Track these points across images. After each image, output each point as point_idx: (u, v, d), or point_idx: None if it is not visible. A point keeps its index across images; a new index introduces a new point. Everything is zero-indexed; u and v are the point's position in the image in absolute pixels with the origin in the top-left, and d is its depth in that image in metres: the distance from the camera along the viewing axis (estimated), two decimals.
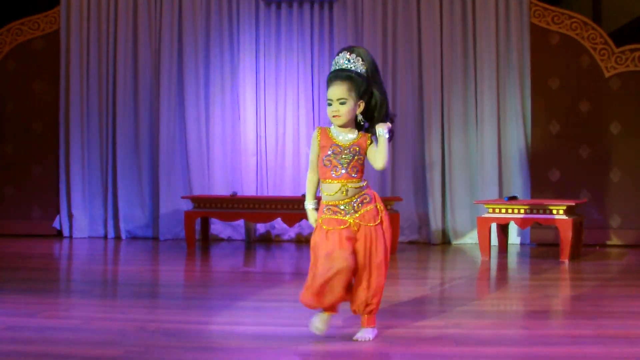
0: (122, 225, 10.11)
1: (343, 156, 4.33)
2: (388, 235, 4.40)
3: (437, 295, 6.10)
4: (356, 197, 4.35)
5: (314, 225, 4.41)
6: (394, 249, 8.73)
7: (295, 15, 10.03)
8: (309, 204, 4.45)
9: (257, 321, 4.34)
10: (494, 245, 8.77)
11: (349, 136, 4.36)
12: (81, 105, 10.19)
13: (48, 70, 10.32)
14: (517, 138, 9.72)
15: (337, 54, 4.44)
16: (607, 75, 9.57)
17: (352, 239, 4.27)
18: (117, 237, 10.12)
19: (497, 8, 9.74)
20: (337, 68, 4.37)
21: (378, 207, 4.40)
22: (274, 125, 10.04)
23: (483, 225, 8.23)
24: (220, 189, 9.98)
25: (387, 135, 4.27)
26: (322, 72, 9.82)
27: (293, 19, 10.04)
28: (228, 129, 10.10)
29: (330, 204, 4.34)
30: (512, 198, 8.51)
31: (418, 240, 9.83)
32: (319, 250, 4.26)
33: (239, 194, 9.63)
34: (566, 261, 7.81)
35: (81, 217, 10.18)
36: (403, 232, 9.64)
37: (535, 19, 9.70)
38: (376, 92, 4.38)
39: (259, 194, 9.91)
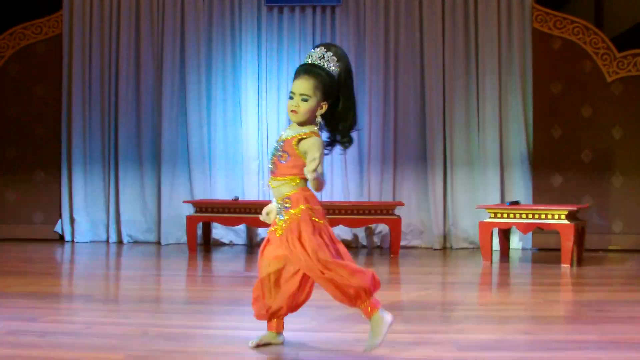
0: (124, 230, 10.12)
1: (273, 151, 4.13)
2: (308, 231, 4.01)
3: (439, 300, 6.09)
4: (280, 198, 4.08)
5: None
6: (396, 253, 8.73)
7: (297, 20, 10.04)
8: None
9: (259, 326, 4.33)
10: (496, 250, 8.78)
11: (291, 133, 4.07)
12: (83, 110, 10.21)
13: (50, 75, 10.33)
14: (519, 143, 9.72)
15: (313, 48, 4.14)
16: (609, 80, 9.57)
17: (277, 244, 4.11)
18: (119, 242, 10.13)
19: (499, 13, 9.75)
20: (309, 62, 4.07)
21: (293, 212, 4.04)
22: (276, 129, 10.04)
23: (485, 230, 8.23)
24: (222, 194, 9.98)
25: (310, 177, 3.87)
26: None
27: (295, 23, 10.05)
28: (230, 133, 10.10)
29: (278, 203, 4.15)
30: (514, 203, 8.52)
31: (420, 245, 9.84)
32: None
33: (241, 198, 9.62)
34: (568, 266, 7.80)
35: (83, 221, 10.19)
36: (405, 236, 9.64)
37: (537, 24, 9.70)
38: (343, 99, 4.06)
39: (260, 199, 9.90)
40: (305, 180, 4.04)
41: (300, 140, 4.02)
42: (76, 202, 10.20)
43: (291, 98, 4.04)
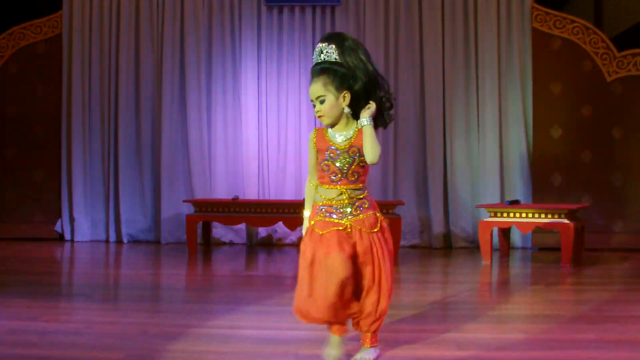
0: (123, 229, 10.12)
1: (341, 160, 3.89)
2: (390, 246, 3.95)
3: (439, 299, 6.09)
4: (355, 200, 3.91)
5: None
6: (396, 253, 8.73)
7: (297, 20, 10.04)
8: (307, 212, 4.02)
9: (259, 325, 4.33)
10: (496, 250, 8.77)
11: (346, 135, 3.91)
12: (83, 110, 10.22)
13: (50, 75, 10.34)
14: (518, 142, 9.72)
15: (315, 48, 3.98)
16: (608, 79, 9.57)
17: (351, 243, 3.85)
18: (119, 241, 10.14)
19: (498, 12, 9.76)
20: (314, 63, 3.94)
21: (378, 215, 3.97)
22: (276, 129, 10.05)
23: (485, 230, 8.23)
24: (221, 193, 9.98)
25: (366, 123, 3.82)
26: None
27: (295, 23, 10.05)
28: (230, 133, 10.10)
29: (325, 204, 3.91)
30: (514, 202, 8.51)
31: (419, 244, 9.84)
32: (315, 255, 3.82)
33: (241, 198, 9.62)
34: (568, 265, 7.80)
35: (83, 221, 10.20)
36: (405, 236, 9.64)
37: (537, 24, 9.71)
38: (362, 77, 3.85)
39: (260, 198, 9.91)
40: None
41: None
42: (76, 201, 10.21)
43: (314, 106, 3.94)
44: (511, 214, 8.18)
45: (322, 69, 3.87)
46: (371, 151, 3.80)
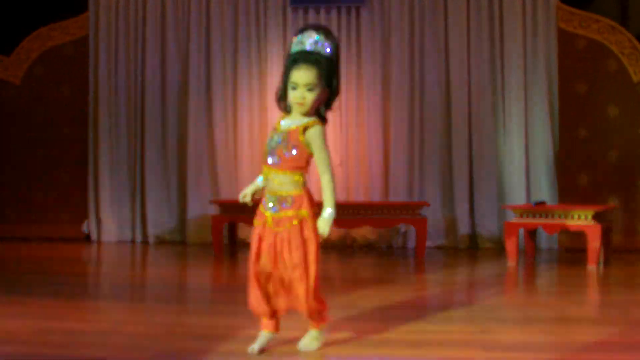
0: (149, 230, 10.15)
1: (273, 141, 4.06)
2: (312, 243, 4.03)
3: (465, 300, 6.09)
4: (280, 193, 4.08)
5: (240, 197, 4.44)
6: (422, 254, 8.70)
7: (322, 20, 10.02)
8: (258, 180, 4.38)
9: (284, 325, 4.34)
10: (522, 251, 8.74)
11: (293, 122, 4.05)
12: (109, 110, 10.26)
13: (77, 75, 10.39)
14: (544, 143, 9.67)
15: (301, 32, 4.05)
16: (635, 79, 9.51)
17: (263, 238, 4.11)
18: (145, 242, 10.17)
19: (524, 12, 9.71)
20: (304, 49, 3.99)
21: (301, 213, 4.04)
22: None
23: (511, 231, 8.19)
24: None
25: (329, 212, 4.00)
26: (348, 76, 9.81)
27: (320, 24, 10.03)
28: (255, 133, 10.11)
29: (265, 190, 4.22)
30: (540, 203, 8.47)
31: (445, 245, 9.80)
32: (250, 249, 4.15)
33: None
34: (594, 267, 7.75)
35: (109, 221, 10.25)
36: (430, 237, 9.59)
37: (562, 23, 9.66)
38: (336, 78, 4.06)
39: None
40: (305, 175, 4.10)
41: (305, 129, 4.01)
42: (103, 202, 10.26)
43: (294, 89, 3.97)
44: (537, 215, 8.14)
45: (317, 60, 3.93)
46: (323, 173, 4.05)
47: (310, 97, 3.96)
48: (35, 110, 10.45)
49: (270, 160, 4.08)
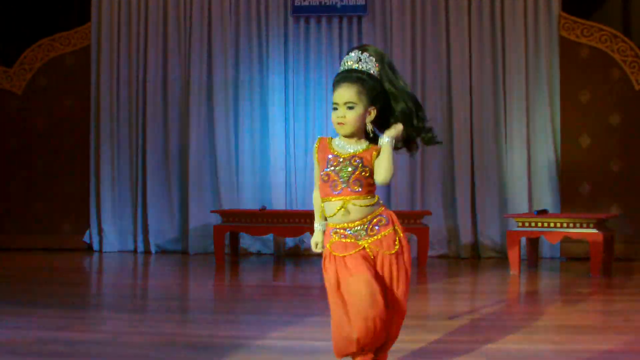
0: (151, 240, 10.15)
1: (342, 168, 3.64)
2: (408, 266, 3.70)
3: (467, 309, 6.07)
4: (367, 218, 3.66)
5: (314, 248, 3.78)
6: (424, 263, 8.70)
7: (323, 30, 10.04)
8: (317, 225, 3.79)
9: (287, 336, 4.33)
10: (524, 260, 8.72)
11: (354, 147, 3.69)
12: (111, 121, 10.27)
13: (78, 86, 10.40)
14: (547, 151, 9.67)
15: (347, 53, 3.76)
16: (637, 87, 9.51)
17: (372, 263, 3.63)
18: (147, 252, 10.16)
19: (526, 21, 9.72)
20: (346, 69, 3.71)
21: (397, 230, 3.70)
22: (303, 139, 10.05)
23: (513, 239, 8.17)
24: (249, 203, 9.99)
25: (387, 140, 3.62)
26: None
27: (322, 34, 10.05)
28: (257, 143, 10.12)
29: (337, 226, 3.67)
30: (542, 212, 8.46)
31: (447, 254, 9.79)
32: (339, 278, 3.62)
33: (268, 208, 9.63)
34: (597, 276, 7.74)
35: (111, 231, 10.25)
36: (432, 246, 9.57)
37: (564, 32, 9.66)
38: (395, 98, 3.71)
39: (288, 208, 9.91)
40: None
41: (378, 153, 3.65)
42: (104, 212, 10.25)
43: (335, 109, 3.71)
44: (539, 224, 8.13)
45: (358, 77, 3.65)
46: (384, 171, 3.60)
47: (351, 116, 3.65)
48: (37, 120, 10.45)
49: (349, 189, 3.64)
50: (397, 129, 3.67)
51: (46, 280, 7.69)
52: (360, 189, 3.63)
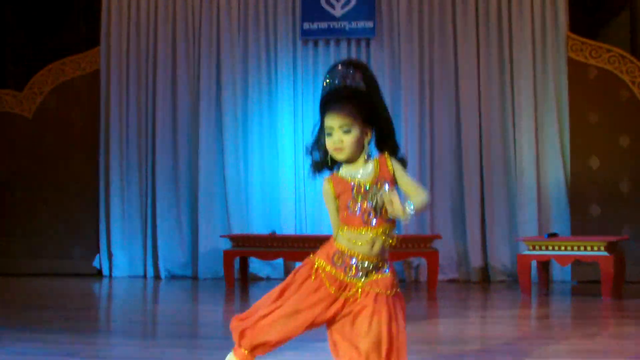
0: (161, 265, 10.14)
1: (372, 196, 3.36)
2: (403, 316, 3.43)
3: (478, 334, 6.05)
4: (377, 258, 3.42)
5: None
6: (434, 287, 8.66)
7: (332, 53, 10.06)
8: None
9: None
10: (535, 283, 8.68)
11: (366, 171, 3.41)
12: (121, 145, 10.29)
13: (88, 109, 10.44)
14: (556, 174, 9.65)
15: (330, 70, 3.46)
16: None
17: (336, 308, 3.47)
18: (157, 277, 10.14)
19: (534, 42, 9.72)
20: (334, 87, 3.39)
21: (392, 276, 3.45)
22: None
23: (523, 263, 8.15)
24: (259, 228, 9.97)
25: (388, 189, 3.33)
26: None
27: (330, 56, 10.06)
28: (267, 167, 10.12)
29: (350, 252, 3.45)
30: (552, 235, 8.44)
31: (457, 278, 9.74)
32: (297, 307, 3.69)
33: (278, 232, 9.62)
34: (608, 299, 7.70)
35: (121, 256, 10.24)
36: (442, 270, 9.51)
37: (572, 53, 9.66)
38: (381, 116, 3.41)
39: (298, 233, 9.90)
40: None
41: (388, 161, 3.42)
42: (114, 236, 10.26)
43: (329, 135, 3.40)
44: (550, 247, 8.09)
45: (348, 97, 3.35)
46: (415, 189, 3.38)
47: (348, 140, 3.36)
48: (46, 144, 10.48)
49: (374, 221, 3.40)
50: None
51: (56, 306, 7.69)
52: (390, 218, 3.37)
